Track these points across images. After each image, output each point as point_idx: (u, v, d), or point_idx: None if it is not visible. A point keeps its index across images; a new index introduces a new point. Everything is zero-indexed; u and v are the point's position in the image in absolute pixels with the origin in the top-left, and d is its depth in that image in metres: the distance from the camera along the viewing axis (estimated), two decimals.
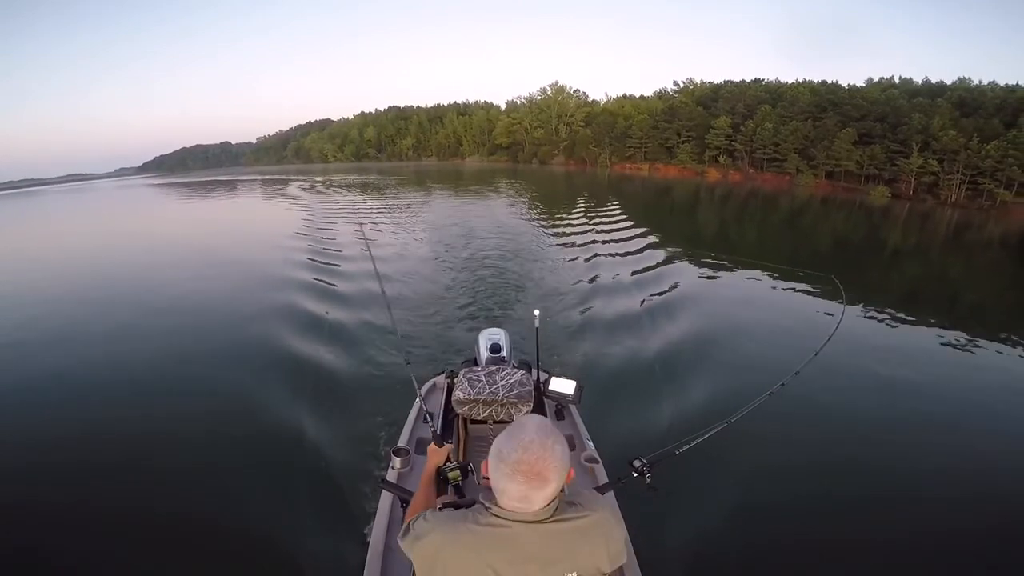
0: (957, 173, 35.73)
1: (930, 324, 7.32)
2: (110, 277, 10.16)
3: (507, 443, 1.00)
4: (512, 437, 1.00)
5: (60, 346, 6.12)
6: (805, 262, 11.96)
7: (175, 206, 30.60)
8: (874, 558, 2.89)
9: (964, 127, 36.36)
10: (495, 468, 1.00)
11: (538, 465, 0.96)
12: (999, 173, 33.96)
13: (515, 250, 10.86)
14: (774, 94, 49.59)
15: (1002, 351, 6.38)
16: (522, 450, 0.97)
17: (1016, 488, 3.54)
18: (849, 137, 41.00)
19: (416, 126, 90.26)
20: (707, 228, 19.54)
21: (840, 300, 4.12)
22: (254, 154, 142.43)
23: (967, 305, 9.52)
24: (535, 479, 0.96)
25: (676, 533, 2.82)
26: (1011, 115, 35.92)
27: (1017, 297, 10.94)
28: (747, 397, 2.20)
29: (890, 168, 39.43)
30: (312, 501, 3.14)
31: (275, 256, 10.63)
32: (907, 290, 10.27)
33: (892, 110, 41.00)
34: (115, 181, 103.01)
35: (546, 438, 0.99)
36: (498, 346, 3.25)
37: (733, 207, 28.14)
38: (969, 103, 39.68)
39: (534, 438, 0.98)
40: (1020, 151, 32.92)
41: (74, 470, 3.61)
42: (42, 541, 2.97)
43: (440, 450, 1.69)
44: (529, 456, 0.96)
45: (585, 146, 61.78)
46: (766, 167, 46.86)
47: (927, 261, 15.46)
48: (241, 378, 4.89)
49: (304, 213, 19.52)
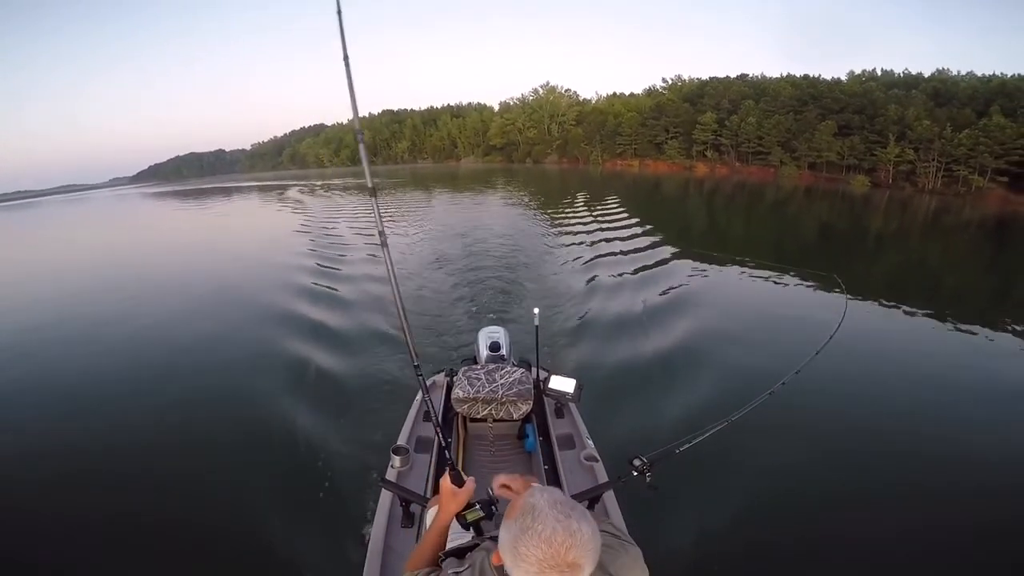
0: (933, 161, 37.28)
1: (933, 322, 7.19)
2: (111, 284, 10.01)
3: (523, 538, 0.85)
4: (527, 530, 0.85)
5: (65, 353, 6.14)
6: (797, 254, 12.38)
7: (174, 214, 30.78)
8: (875, 557, 2.89)
9: (938, 117, 37.86)
10: (514, 566, 0.87)
11: (569, 555, 0.83)
12: (972, 160, 35.46)
13: (514, 246, 10.99)
14: (757, 89, 51.08)
15: (1008, 347, 6.31)
16: (545, 544, 0.83)
17: (1020, 486, 3.53)
18: (829, 129, 42.57)
19: (411, 129, 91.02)
20: (699, 221, 19.87)
21: (842, 298, 4.09)
22: (249, 160, 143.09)
23: (968, 300, 9.34)
24: (568, 571, 0.83)
25: (676, 532, 2.83)
26: (983, 104, 37.42)
27: (1015, 288, 10.84)
28: (748, 396, 2.17)
29: (869, 158, 41.04)
30: (312, 500, 3.16)
31: (275, 258, 10.82)
32: (908, 286, 10.09)
33: (869, 102, 42.54)
34: (110, 191, 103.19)
35: (568, 520, 0.85)
36: (498, 344, 3.26)
37: (722, 200, 28.79)
38: (943, 93, 41.25)
39: (556, 526, 0.84)
40: (991, 139, 34.40)
41: (77, 474, 3.63)
42: (47, 545, 2.99)
43: (460, 492, 1.35)
44: (555, 549, 0.82)
45: (577, 144, 63.25)
46: (751, 160, 48.39)
47: (918, 249, 15.60)
48: (240, 379, 4.96)
49: (304, 215, 19.87)
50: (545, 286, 8.03)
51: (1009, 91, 37.49)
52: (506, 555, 0.89)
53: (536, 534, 0.84)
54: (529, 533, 0.85)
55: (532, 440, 2.63)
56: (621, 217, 15.57)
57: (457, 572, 1.03)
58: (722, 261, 10.28)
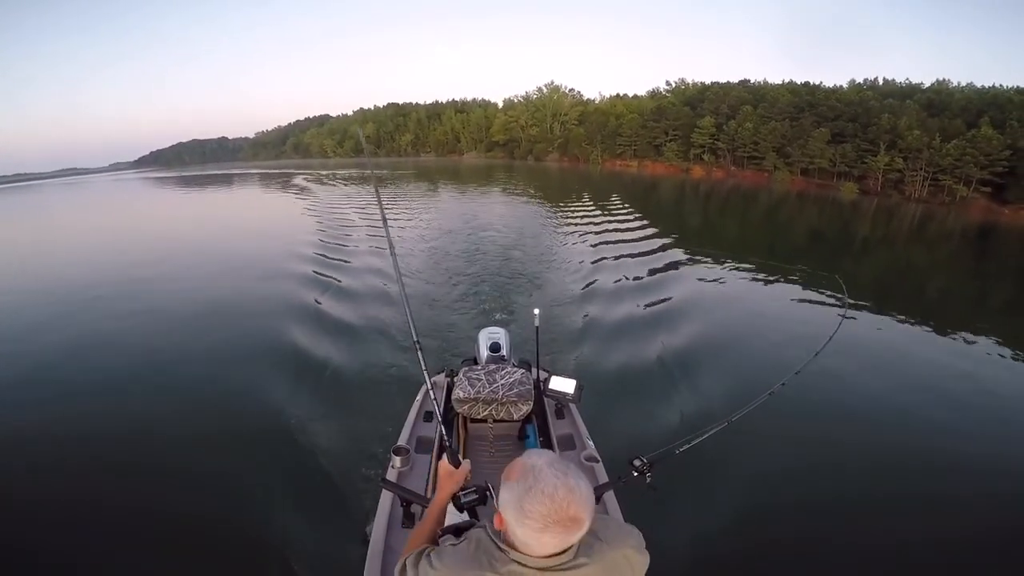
0: (920, 171, 38.22)
1: (931, 325, 7.25)
2: (109, 272, 9.91)
3: (528, 497, 0.90)
4: (531, 489, 0.90)
5: (64, 343, 6.02)
6: (793, 255, 12.59)
7: (175, 200, 30.44)
8: (874, 558, 2.89)
9: (929, 127, 38.65)
10: (518, 524, 0.91)
11: (571, 510, 0.88)
12: (958, 171, 36.38)
13: (515, 241, 11.16)
14: (757, 95, 51.99)
15: (1007, 351, 6.36)
16: (549, 500, 0.88)
17: (1019, 490, 3.54)
18: (823, 136, 43.46)
19: (415, 123, 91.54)
20: (696, 221, 20.31)
21: (842, 299, 4.03)
22: (252, 149, 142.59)
23: (965, 305, 9.46)
24: (571, 525, 0.89)
25: (676, 532, 2.83)
26: (974, 116, 38.21)
27: (1013, 294, 11.14)
28: (748, 396, 2.19)
29: (860, 165, 42.01)
30: (312, 500, 3.16)
31: (277, 251, 10.67)
32: (904, 291, 10.16)
33: (864, 111, 43.41)
34: (110, 175, 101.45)
35: (567, 477, 0.91)
36: (498, 345, 3.26)
37: (717, 202, 29.55)
38: (937, 104, 42.04)
39: (556, 483, 0.89)
40: (977, 150, 35.24)
41: (76, 469, 3.61)
42: (45, 538, 2.98)
43: (457, 472, 1.46)
44: (558, 504, 0.88)
45: (578, 144, 64.14)
46: (746, 164, 49.43)
47: (903, 254, 16.09)
48: (241, 376, 4.91)
49: (306, 204, 20.12)
50: (545, 282, 8.11)
51: (1001, 103, 38.39)
52: (509, 514, 0.93)
53: (540, 491, 0.89)
54: (533, 491, 0.89)
55: (532, 440, 2.68)
56: (620, 216, 15.88)
57: (454, 544, 1.07)
58: (722, 262, 10.36)
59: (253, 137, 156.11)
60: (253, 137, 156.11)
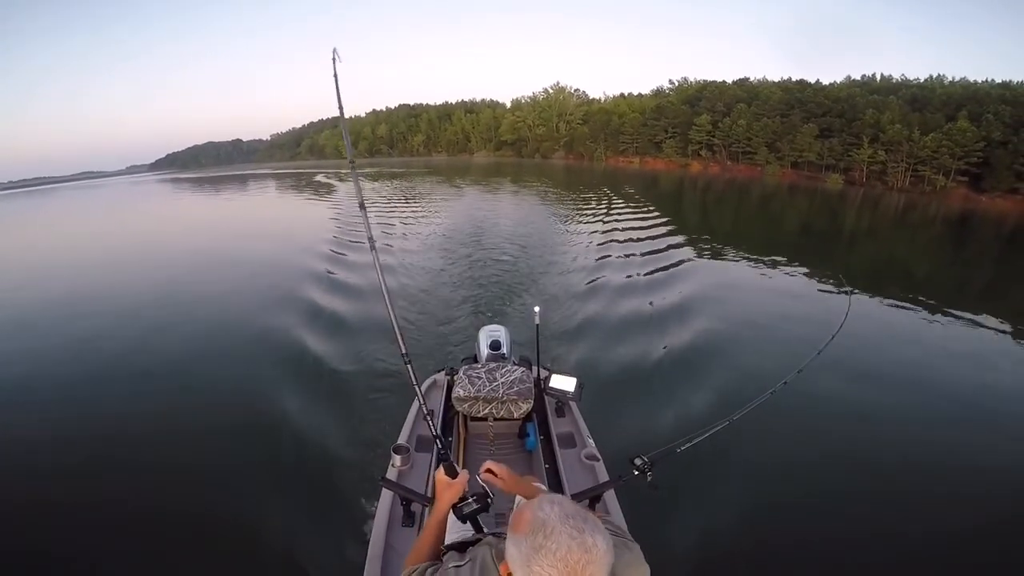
0: (901, 162, 40.81)
1: (936, 322, 7.17)
2: (117, 275, 10.04)
3: (536, 558, 0.82)
4: (539, 549, 0.82)
5: (69, 342, 6.11)
6: (791, 249, 12.47)
7: (189, 202, 30.66)
8: (877, 556, 2.88)
9: (910, 121, 41.06)
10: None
11: (585, 573, 0.81)
12: (935, 162, 38.95)
13: (514, 236, 11.23)
14: (751, 93, 54.64)
15: (1013, 348, 6.33)
16: (562, 564, 0.80)
17: (1022, 487, 3.51)
18: (812, 132, 46.13)
19: (426, 123, 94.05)
20: (695, 215, 20.55)
21: (844, 293, 3.89)
22: (267, 150, 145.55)
23: (969, 295, 9.38)
24: None
25: (677, 531, 2.82)
26: (955, 109, 40.39)
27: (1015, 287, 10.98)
28: (750, 395, 2.14)
29: (845, 158, 44.67)
30: (312, 499, 3.16)
31: (286, 251, 10.85)
32: (911, 284, 9.94)
33: (850, 107, 45.92)
34: (128, 178, 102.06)
35: (583, 536, 0.82)
36: (498, 343, 3.26)
37: (714, 195, 30.44)
38: (920, 99, 44.27)
39: (571, 543, 0.81)
40: (953, 142, 37.80)
41: (78, 469, 3.61)
42: (48, 538, 3.00)
43: (455, 483, 1.36)
44: (571, 568, 0.80)
45: (583, 142, 67.27)
46: (740, 159, 52.32)
47: (887, 243, 16.29)
48: (241, 377, 4.91)
49: (308, 205, 20.43)
50: (546, 278, 8.17)
51: (980, 97, 40.51)
52: (517, 571, 0.87)
53: (550, 553, 0.82)
54: (543, 552, 0.82)
55: (533, 439, 2.67)
56: (619, 213, 16.18)
57: (458, 566, 1.03)
58: (722, 256, 10.46)
59: (268, 139, 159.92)
60: (268, 139, 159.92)
